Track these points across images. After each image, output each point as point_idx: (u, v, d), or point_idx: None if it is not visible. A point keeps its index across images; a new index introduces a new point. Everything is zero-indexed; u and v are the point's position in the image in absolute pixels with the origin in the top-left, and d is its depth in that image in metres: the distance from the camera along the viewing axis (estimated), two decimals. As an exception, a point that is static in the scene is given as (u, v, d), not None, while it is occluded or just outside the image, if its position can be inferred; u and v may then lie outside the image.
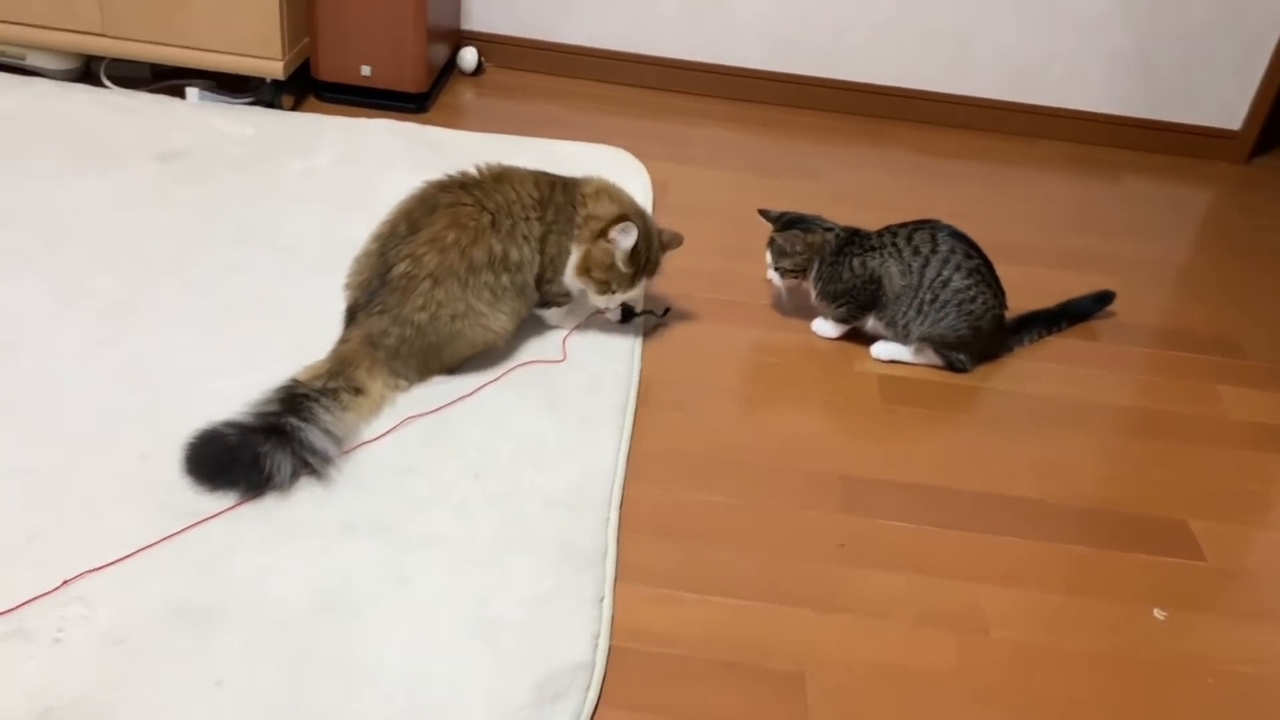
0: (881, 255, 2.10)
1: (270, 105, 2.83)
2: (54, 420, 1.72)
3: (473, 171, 1.96)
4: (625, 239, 1.92)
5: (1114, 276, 2.53)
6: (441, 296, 1.84)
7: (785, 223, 2.18)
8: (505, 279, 1.91)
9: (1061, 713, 1.49)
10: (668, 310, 2.21)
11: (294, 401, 1.70)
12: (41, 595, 1.43)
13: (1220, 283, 2.65)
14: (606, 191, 2.00)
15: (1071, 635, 1.61)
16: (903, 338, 2.14)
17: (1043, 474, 1.93)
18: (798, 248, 2.13)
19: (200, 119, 2.70)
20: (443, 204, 1.89)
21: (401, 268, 1.83)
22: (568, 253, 1.97)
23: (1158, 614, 1.66)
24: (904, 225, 2.12)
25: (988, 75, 3.22)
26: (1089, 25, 3.11)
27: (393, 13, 2.78)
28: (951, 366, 2.16)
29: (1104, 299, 2.39)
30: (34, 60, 2.80)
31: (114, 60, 2.85)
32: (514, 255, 1.91)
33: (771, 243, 2.18)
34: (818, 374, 2.12)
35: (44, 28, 2.69)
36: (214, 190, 2.41)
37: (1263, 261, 2.77)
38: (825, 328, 2.22)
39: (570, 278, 1.98)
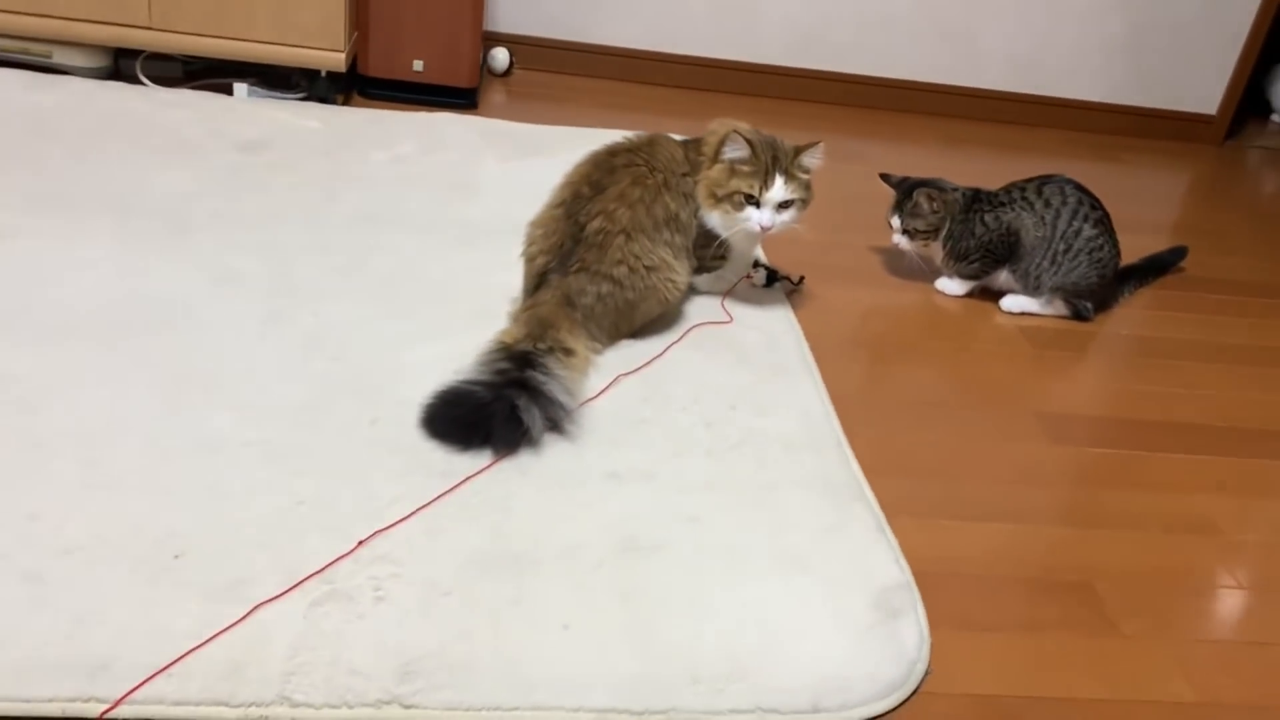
0: (1014, 209, 2.18)
1: (324, 100, 2.73)
2: (262, 392, 1.60)
3: (625, 140, 1.94)
4: (733, 150, 1.86)
5: (1148, 239, 2.70)
6: (637, 249, 1.81)
7: (908, 187, 2.24)
8: (679, 238, 1.90)
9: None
10: (802, 278, 2.23)
11: (526, 359, 1.64)
12: (341, 557, 1.32)
13: (1242, 242, 2.86)
14: (715, 131, 1.95)
15: (1295, 534, 1.71)
16: (1034, 289, 2.23)
17: (1195, 403, 2.03)
18: (936, 207, 2.19)
19: (260, 113, 2.58)
20: (619, 165, 1.87)
21: (596, 224, 1.80)
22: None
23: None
24: (1030, 180, 2.22)
25: (996, 68, 3.40)
26: (1085, 17, 3.34)
27: (451, 5, 2.73)
28: (1078, 315, 2.25)
29: (1178, 253, 2.55)
30: (61, 58, 2.62)
31: (148, 59, 2.69)
32: (683, 215, 1.91)
33: (899, 206, 2.23)
34: (962, 326, 2.18)
35: (86, 21, 2.52)
36: (311, 177, 2.30)
37: (1264, 225, 3.01)
38: (952, 285, 2.29)
39: (711, 217, 1.91)
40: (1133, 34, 3.38)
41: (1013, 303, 2.25)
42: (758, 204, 1.88)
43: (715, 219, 1.92)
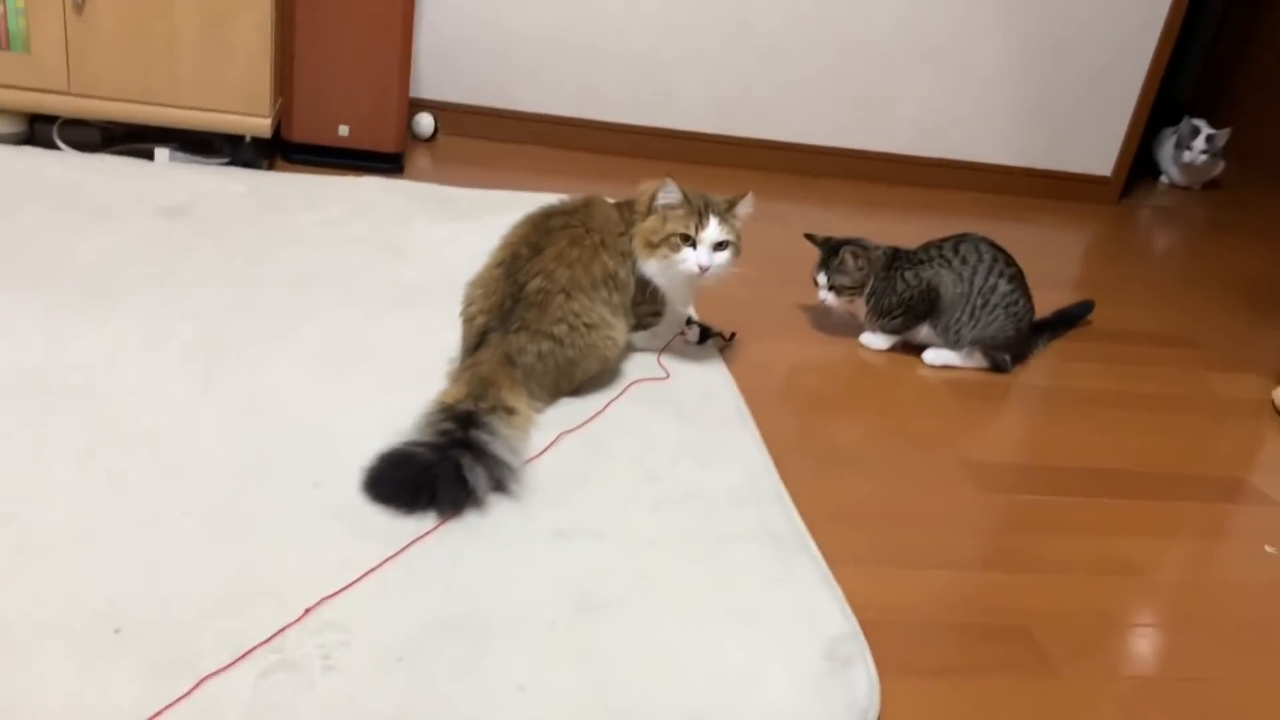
0: (933, 267, 2.27)
1: (249, 165, 2.70)
2: (201, 457, 1.57)
3: (561, 203, 1.98)
4: (666, 195, 1.91)
5: (1056, 294, 2.83)
6: (577, 308, 1.83)
7: (832, 246, 2.32)
8: (617, 296, 1.93)
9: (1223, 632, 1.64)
10: (734, 335, 2.28)
11: (469, 419, 1.63)
12: (289, 625, 1.29)
13: (1144, 296, 3.01)
14: (646, 190, 1.99)
15: (1212, 571, 1.78)
16: (954, 343, 2.31)
17: (1110, 449, 2.12)
18: (860, 264, 2.26)
19: (183, 179, 2.55)
20: (556, 226, 1.90)
21: (536, 283, 1.82)
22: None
23: (1269, 549, 1.86)
24: (946, 239, 2.31)
25: (907, 133, 3.54)
26: (988, 84, 3.51)
27: (378, 71, 2.75)
28: (997, 367, 2.34)
29: (1086, 306, 2.67)
30: (-27, 124, 2.56)
31: (64, 125, 2.64)
32: (621, 274, 1.94)
33: (825, 264, 2.30)
34: (888, 379, 2.25)
35: (1, 86, 2.47)
36: (238, 242, 2.27)
37: (1160, 279, 3.18)
38: (877, 340, 2.36)
39: (649, 266, 1.94)
40: (1033, 101, 3.56)
41: (935, 356, 2.33)
42: (694, 244, 1.91)
43: (653, 267, 1.94)
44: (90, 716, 1.13)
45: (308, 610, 1.32)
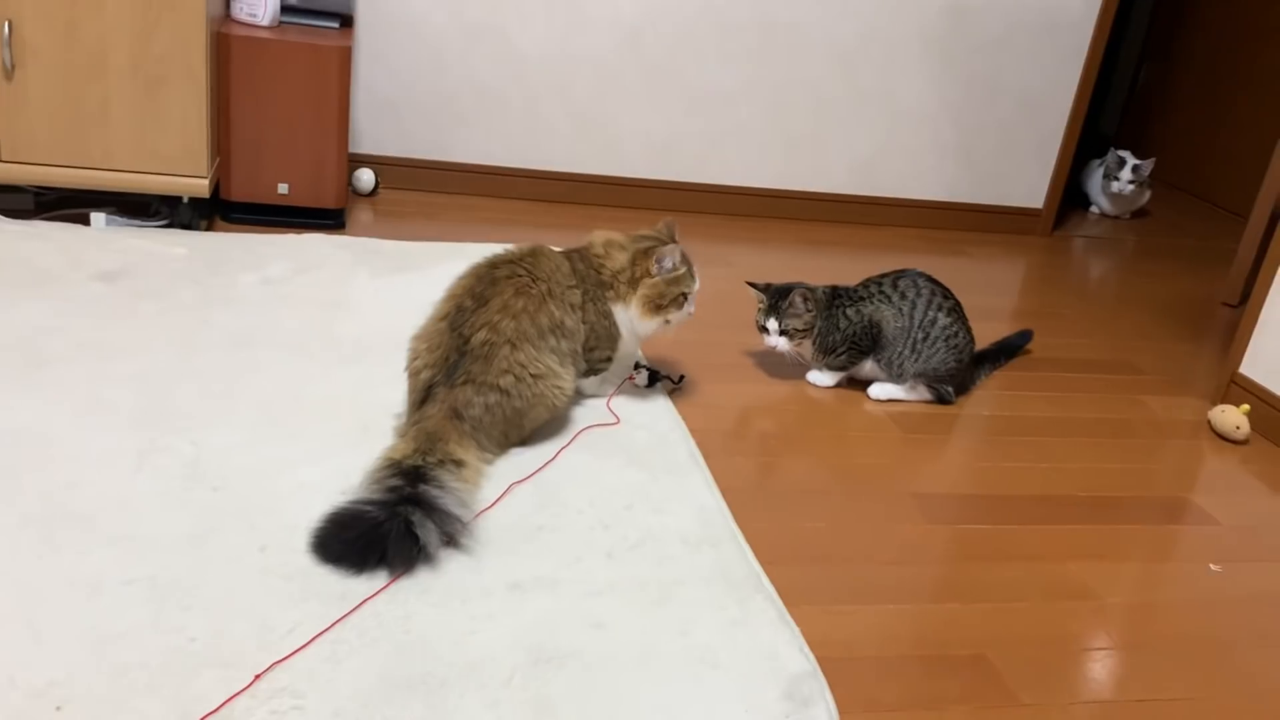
0: (873, 303, 2.30)
1: (187, 227, 2.68)
2: (143, 526, 1.53)
3: (506, 252, 1.98)
4: (669, 260, 2.01)
5: (995, 325, 2.88)
6: (523, 359, 1.83)
7: (776, 291, 2.34)
8: (564, 344, 1.94)
9: (1167, 652, 1.67)
10: (682, 377, 2.29)
11: (417, 474, 1.62)
12: (239, 693, 1.26)
13: (1080, 324, 3.08)
14: (610, 243, 2.06)
15: (1162, 591, 1.81)
16: (897, 377, 2.34)
17: (1056, 475, 2.15)
18: (810, 306, 2.29)
19: (120, 242, 2.51)
20: (501, 276, 1.90)
21: (480, 336, 1.82)
22: (608, 316, 2.03)
23: (1213, 568, 1.90)
24: (885, 275, 2.35)
25: (842, 173, 3.60)
26: (919, 123, 3.59)
27: (316, 128, 2.75)
28: (940, 399, 2.37)
29: (1025, 336, 2.73)
30: (-100, 193, 2.51)
31: (-3, 191, 2.61)
32: (568, 322, 1.95)
33: (775, 309, 2.32)
34: (835, 416, 2.27)
35: (-72, 154, 2.43)
36: (180, 302, 2.25)
37: (1095, 306, 3.26)
38: (823, 378, 2.38)
39: (644, 323, 2.04)
40: (963, 138, 3.65)
41: (880, 390, 2.36)
42: (689, 300, 2.08)
43: (649, 325, 2.05)
44: (32, 800, 1.10)
45: (257, 676, 1.29)
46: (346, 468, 1.71)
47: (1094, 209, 4.32)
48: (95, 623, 1.34)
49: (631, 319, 2.04)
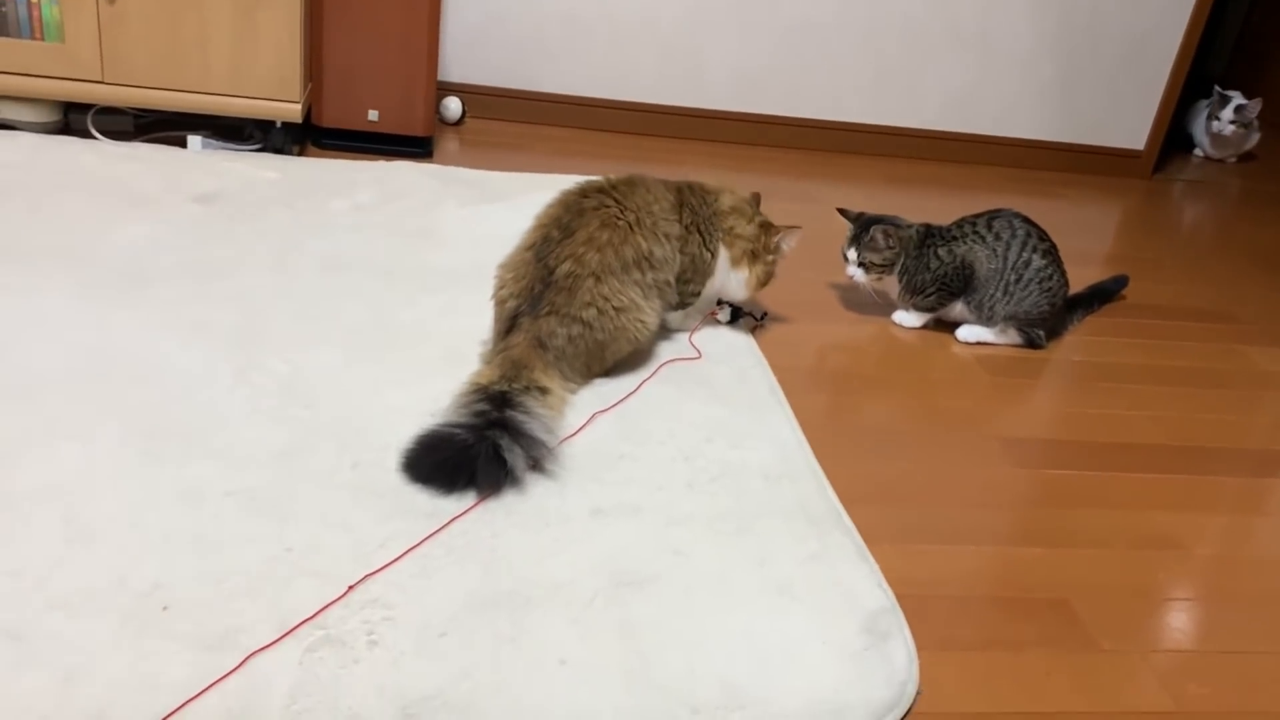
0: (966, 243, 2.26)
1: (280, 151, 2.72)
2: (240, 441, 1.59)
3: (602, 180, 1.98)
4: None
5: (1089, 269, 2.80)
6: (606, 291, 1.84)
7: (865, 222, 2.31)
8: (650, 276, 1.93)
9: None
10: (765, 314, 2.27)
11: (504, 399, 1.65)
12: (333, 602, 1.31)
13: (1178, 270, 2.98)
14: (739, 211, 2.11)
15: (1250, 545, 1.77)
16: (988, 319, 2.30)
17: (1147, 424, 2.10)
18: (891, 243, 2.25)
19: (216, 165, 2.57)
20: (589, 207, 1.90)
21: (565, 268, 1.82)
22: (706, 257, 2.04)
23: (1308, 521, 1.85)
24: (979, 215, 2.29)
25: (935, 109, 3.51)
26: (1018, 60, 3.47)
27: (406, 55, 2.76)
28: (1031, 343, 2.32)
29: (1120, 281, 2.65)
30: (10, 114, 2.59)
31: (98, 113, 2.67)
32: (658, 253, 1.94)
33: (856, 240, 2.29)
34: (920, 357, 2.24)
35: (35, 76, 2.50)
36: (273, 226, 2.30)
37: (1194, 253, 3.14)
38: (909, 318, 2.35)
39: (741, 289, 2.13)
40: (1064, 76, 3.52)
41: (968, 333, 2.32)
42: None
43: (742, 292, 2.14)
44: (143, 688, 1.16)
45: (351, 587, 1.34)
46: (434, 391, 1.74)
47: (1198, 152, 4.16)
48: (198, 531, 1.40)
49: (736, 280, 2.11)
